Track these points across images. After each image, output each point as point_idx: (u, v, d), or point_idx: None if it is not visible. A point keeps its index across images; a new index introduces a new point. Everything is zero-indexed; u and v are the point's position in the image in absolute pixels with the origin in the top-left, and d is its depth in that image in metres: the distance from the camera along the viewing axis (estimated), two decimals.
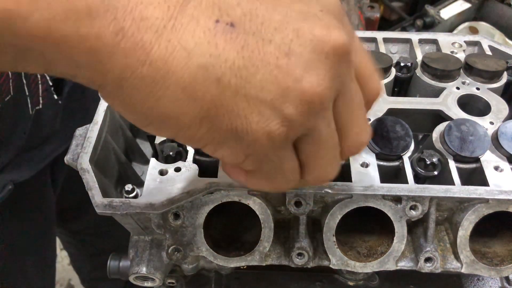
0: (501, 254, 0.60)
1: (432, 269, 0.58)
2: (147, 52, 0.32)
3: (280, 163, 0.38)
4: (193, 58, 0.32)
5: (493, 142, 0.60)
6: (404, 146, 0.59)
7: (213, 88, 0.33)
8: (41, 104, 0.85)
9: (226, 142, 0.36)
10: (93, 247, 1.44)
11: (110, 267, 0.69)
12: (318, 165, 0.40)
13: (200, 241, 0.58)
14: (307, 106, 0.34)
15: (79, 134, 0.61)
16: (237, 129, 0.34)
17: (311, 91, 0.34)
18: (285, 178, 0.40)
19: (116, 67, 0.32)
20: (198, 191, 0.55)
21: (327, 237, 0.58)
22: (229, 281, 0.76)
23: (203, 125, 0.34)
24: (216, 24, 0.33)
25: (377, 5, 1.46)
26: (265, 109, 0.34)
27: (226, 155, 0.37)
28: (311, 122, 0.36)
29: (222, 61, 0.32)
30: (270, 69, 0.33)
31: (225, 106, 0.33)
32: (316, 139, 0.38)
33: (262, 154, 0.37)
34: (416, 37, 0.77)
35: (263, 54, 0.33)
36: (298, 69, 0.33)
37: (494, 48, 0.75)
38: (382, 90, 0.43)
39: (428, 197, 0.55)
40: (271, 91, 0.33)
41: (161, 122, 0.35)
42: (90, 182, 0.55)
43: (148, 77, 0.32)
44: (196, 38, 0.32)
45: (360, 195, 0.55)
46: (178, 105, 0.33)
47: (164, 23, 0.32)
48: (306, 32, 0.34)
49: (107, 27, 0.31)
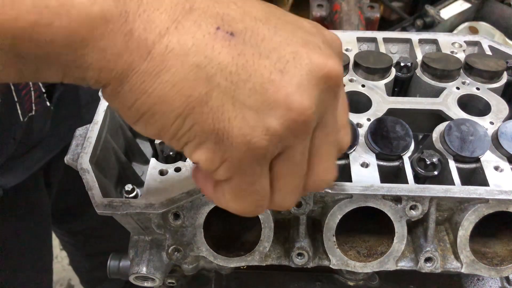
0: (501, 254, 0.60)
1: (432, 269, 0.58)
2: (149, 50, 0.33)
3: (252, 179, 0.38)
4: (188, 57, 0.33)
5: (493, 142, 0.60)
6: (404, 146, 0.59)
7: (202, 86, 0.34)
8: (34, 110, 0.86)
9: (206, 143, 0.36)
10: (92, 248, 1.44)
11: (110, 267, 0.69)
12: (282, 190, 0.40)
13: (200, 241, 0.58)
14: (291, 123, 0.35)
15: (79, 134, 0.61)
16: (219, 131, 0.35)
17: (298, 110, 0.34)
18: (254, 198, 0.39)
19: (120, 65, 0.34)
20: (198, 191, 0.55)
21: (327, 237, 0.58)
22: (229, 281, 0.76)
23: (186, 122, 0.35)
24: (217, 31, 0.34)
25: (377, 5, 1.46)
26: (250, 117, 0.34)
27: (203, 158, 0.37)
28: (290, 140, 0.36)
29: (215, 62, 0.34)
30: (262, 81, 0.34)
31: (211, 105, 0.34)
32: (289, 161, 0.38)
33: (238, 162, 0.36)
34: (416, 37, 0.77)
35: (258, 65, 0.34)
36: (289, 87, 0.34)
37: (494, 48, 0.75)
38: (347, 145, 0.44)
39: (428, 197, 0.55)
40: (259, 100, 0.34)
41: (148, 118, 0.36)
42: (90, 182, 0.55)
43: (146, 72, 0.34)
44: (195, 39, 0.34)
45: (360, 195, 0.55)
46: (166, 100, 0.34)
47: (168, 25, 0.33)
48: (303, 56, 0.35)
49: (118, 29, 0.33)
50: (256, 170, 0.37)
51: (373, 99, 0.67)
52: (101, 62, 0.33)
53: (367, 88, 0.68)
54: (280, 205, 0.41)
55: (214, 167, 0.37)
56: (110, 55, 0.33)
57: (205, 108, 0.34)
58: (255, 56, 0.34)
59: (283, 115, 0.34)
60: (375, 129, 0.60)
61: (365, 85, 0.69)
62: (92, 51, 0.33)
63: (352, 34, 0.78)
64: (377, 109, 0.65)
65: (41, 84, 0.85)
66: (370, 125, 0.61)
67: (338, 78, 0.37)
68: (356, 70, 0.71)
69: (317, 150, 0.40)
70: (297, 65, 0.35)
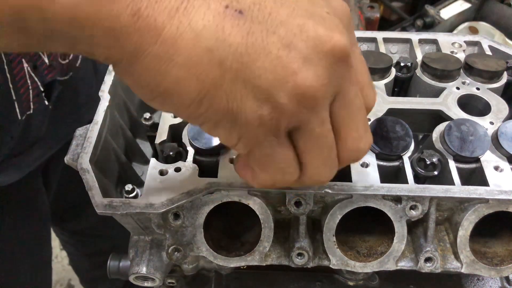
0: (501, 254, 0.60)
1: (432, 269, 0.58)
2: (159, 32, 0.34)
3: (271, 149, 0.39)
4: (200, 40, 0.34)
5: (493, 142, 0.60)
6: (404, 146, 0.59)
7: (216, 70, 0.34)
8: (32, 109, 0.86)
9: (222, 122, 0.37)
10: (92, 247, 1.44)
11: (110, 267, 0.69)
12: (312, 163, 0.41)
13: (200, 241, 0.58)
14: (300, 98, 0.36)
15: (79, 134, 0.61)
16: (233, 111, 0.36)
17: (305, 84, 0.35)
18: (279, 167, 0.41)
19: (131, 45, 0.34)
20: (198, 191, 0.55)
21: (327, 237, 0.58)
22: (229, 281, 0.76)
23: (202, 104, 0.36)
24: (226, 9, 0.34)
25: (377, 5, 1.46)
26: (260, 95, 0.35)
27: (221, 135, 0.39)
28: (303, 115, 0.37)
29: (226, 45, 0.34)
30: (271, 58, 0.35)
31: (224, 88, 0.35)
32: (309, 135, 0.39)
33: (254, 137, 0.38)
34: (416, 37, 0.77)
35: (266, 43, 0.35)
36: (296, 62, 0.35)
37: (494, 48, 0.75)
38: (376, 100, 0.44)
39: (428, 197, 0.55)
40: (268, 79, 0.35)
41: (164, 98, 0.37)
42: (90, 182, 0.55)
43: (158, 55, 0.34)
44: (205, 20, 0.34)
45: (360, 195, 0.55)
46: (182, 84, 0.35)
47: (177, 5, 0.34)
48: (310, 29, 0.36)
49: (125, 9, 0.33)
50: (272, 141, 0.39)
51: None
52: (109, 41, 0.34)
53: None
54: (315, 178, 0.42)
55: (233, 143, 0.39)
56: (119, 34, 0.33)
57: (220, 91, 0.35)
58: (263, 32, 0.35)
59: (291, 90, 0.35)
60: (375, 129, 0.60)
61: None
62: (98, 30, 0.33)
63: None
64: (377, 109, 0.65)
65: (39, 83, 0.85)
66: (370, 125, 0.61)
67: (346, 50, 0.37)
68: None
69: (342, 120, 0.40)
70: (303, 38, 0.35)
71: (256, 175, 0.43)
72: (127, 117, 0.70)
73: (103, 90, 0.65)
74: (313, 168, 0.41)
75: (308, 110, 0.37)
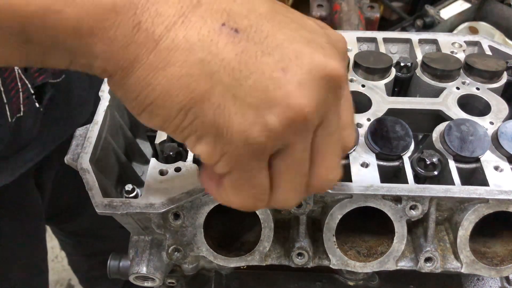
0: (501, 254, 0.60)
1: (432, 269, 0.58)
2: (155, 44, 0.34)
3: (251, 174, 0.39)
4: (193, 52, 0.34)
5: (493, 142, 0.60)
6: (404, 146, 0.59)
7: (205, 82, 0.34)
8: (22, 112, 0.85)
9: (207, 137, 0.37)
10: (90, 248, 1.44)
11: (110, 267, 0.69)
12: (283, 187, 0.40)
13: (200, 241, 0.58)
14: (289, 121, 0.35)
15: (79, 134, 0.61)
16: (219, 126, 0.36)
17: (297, 108, 0.35)
18: (252, 193, 0.40)
19: (127, 57, 0.34)
20: (198, 191, 0.55)
21: (327, 237, 0.58)
22: (229, 281, 0.76)
23: (188, 116, 0.36)
24: (222, 27, 0.35)
25: (377, 5, 1.46)
26: (249, 113, 0.35)
27: (204, 151, 0.38)
28: (289, 138, 0.37)
29: (219, 59, 0.34)
30: (264, 78, 0.35)
31: (212, 101, 0.35)
32: (288, 158, 0.38)
33: (237, 157, 0.37)
34: (416, 37, 0.77)
35: (260, 63, 0.35)
36: (290, 85, 0.35)
37: (494, 48, 0.75)
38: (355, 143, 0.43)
39: (428, 197, 0.55)
40: (260, 98, 0.35)
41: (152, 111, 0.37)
42: (90, 182, 0.55)
43: (151, 65, 0.34)
44: (200, 35, 0.34)
45: (360, 195, 0.55)
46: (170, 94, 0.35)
47: (175, 19, 0.34)
48: (306, 55, 0.36)
49: (127, 21, 0.33)
50: (254, 164, 0.38)
51: (373, 99, 0.67)
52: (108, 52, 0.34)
53: (367, 88, 0.68)
54: (281, 203, 0.42)
55: (214, 160, 0.38)
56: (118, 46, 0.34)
57: (207, 103, 0.35)
58: (258, 53, 0.35)
59: (282, 112, 0.35)
60: (375, 129, 0.60)
61: (365, 85, 0.69)
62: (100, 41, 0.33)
63: (352, 34, 0.78)
64: (377, 109, 0.65)
65: (29, 85, 0.85)
66: (370, 125, 0.61)
67: (340, 79, 0.37)
68: (356, 70, 0.71)
69: (319, 149, 0.40)
70: (298, 63, 0.35)
71: (225, 195, 0.42)
72: (127, 117, 0.70)
73: (103, 90, 0.65)
74: (283, 192, 0.41)
75: (296, 134, 0.37)
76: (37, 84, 0.86)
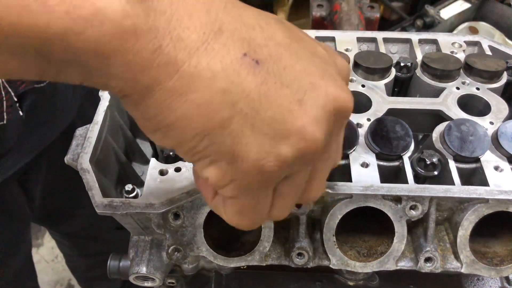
0: (501, 254, 0.60)
1: (432, 269, 0.58)
2: (177, 68, 0.34)
3: (257, 199, 0.40)
4: (216, 81, 0.34)
5: (493, 142, 0.60)
6: (404, 146, 0.59)
7: (226, 111, 0.35)
8: (6, 119, 0.85)
9: (219, 163, 0.37)
10: (87, 248, 1.44)
11: (110, 267, 0.69)
12: (280, 206, 0.43)
13: (200, 241, 0.58)
14: (302, 153, 0.37)
15: (79, 134, 0.61)
16: (234, 153, 0.36)
17: (311, 140, 0.36)
18: (254, 216, 0.42)
19: (146, 80, 0.34)
20: (198, 191, 0.55)
21: (327, 237, 0.58)
22: (229, 281, 0.76)
23: (204, 141, 0.36)
24: (244, 57, 0.35)
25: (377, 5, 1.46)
26: (266, 143, 0.36)
27: (213, 175, 0.39)
28: (298, 167, 0.39)
29: (240, 89, 0.35)
30: (281, 110, 0.36)
31: (231, 129, 0.35)
32: (293, 183, 0.40)
33: (247, 184, 0.38)
34: (416, 37, 0.77)
35: (278, 95, 0.36)
36: (306, 118, 0.36)
37: (494, 48, 0.75)
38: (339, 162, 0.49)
39: (428, 197, 0.55)
40: (276, 128, 0.36)
41: (167, 132, 0.37)
42: (90, 182, 0.55)
43: (172, 90, 0.34)
44: (223, 63, 0.34)
45: (360, 195, 0.55)
46: (189, 119, 0.35)
47: (198, 45, 0.34)
48: (321, 87, 0.37)
49: (147, 45, 0.33)
50: (262, 192, 0.40)
51: (373, 99, 0.67)
52: (127, 74, 0.34)
53: (367, 88, 0.68)
54: (275, 218, 0.44)
55: (222, 184, 0.39)
56: (137, 69, 0.33)
57: (225, 131, 0.35)
58: (277, 84, 0.36)
59: (296, 144, 0.36)
60: (375, 129, 0.60)
61: (365, 85, 0.69)
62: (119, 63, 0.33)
63: (352, 34, 0.78)
64: (377, 109, 0.65)
65: (12, 94, 0.85)
66: (370, 125, 0.61)
67: (349, 111, 0.39)
68: (356, 70, 0.71)
69: (317, 172, 0.42)
70: (314, 96, 0.37)
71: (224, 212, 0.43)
72: (127, 117, 0.70)
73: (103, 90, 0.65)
74: (280, 210, 0.43)
75: (304, 164, 0.39)
76: (20, 92, 0.86)
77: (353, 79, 0.70)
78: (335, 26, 1.39)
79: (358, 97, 0.68)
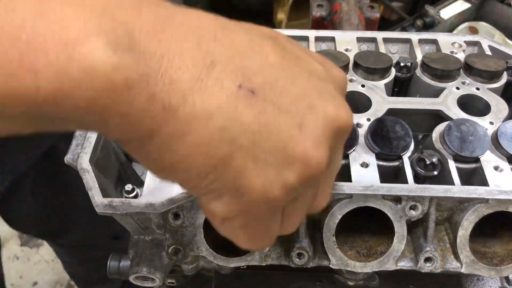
0: (501, 254, 0.60)
1: (432, 269, 0.58)
2: (172, 113, 0.33)
3: (267, 225, 0.40)
4: (213, 119, 0.34)
5: (493, 142, 0.60)
6: (404, 146, 0.59)
7: (226, 147, 0.34)
8: None
9: (224, 197, 0.37)
10: (84, 255, 1.45)
11: (110, 267, 0.69)
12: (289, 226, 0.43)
13: (200, 241, 0.58)
14: (307, 177, 0.37)
15: (79, 134, 0.61)
16: (239, 187, 0.36)
17: (314, 164, 0.36)
18: (264, 240, 0.42)
19: (143, 128, 0.33)
20: None
21: (327, 237, 0.58)
22: (229, 281, 0.76)
23: (208, 177, 0.36)
24: (239, 89, 0.34)
25: (377, 5, 1.46)
26: (270, 173, 0.36)
27: (219, 210, 0.38)
28: (304, 190, 0.39)
29: (239, 124, 0.34)
30: (282, 136, 0.35)
31: (233, 165, 0.35)
32: (299, 204, 0.41)
33: (255, 213, 0.38)
34: (416, 37, 0.77)
35: (278, 122, 0.35)
36: (307, 142, 0.36)
37: (494, 48, 0.75)
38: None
39: (428, 197, 0.55)
40: (279, 157, 0.36)
41: (170, 171, 0.37)
42: (90, 182, 0.55)
43: (170, 135, 0.34)
44: (219, 100, 0.34)
45: (360, 195, 0.55)
46: (190, 159, 0.35)
47: (191, 86, 0.33)
48: (319, 108, 0.37)
49: (140, 94, 0.32)
50: (270, 217, 0.39)
51: (373, 99, 0.67)
52: (123, 126, 0.33)
53: (367, 88, 0.68)
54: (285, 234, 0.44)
55: (230, 217, 0.39)
56: (132, 120, 0.33)
57: (228, 167, 0.35)
58: (275, 111, 0.35)
59: (300, 169, 0.36)
60: (375, 129, 0.60)
61: (365, 85, 0.69)
62: (113, 116, 0.32)
63: (352, 34, 0.78)
64: (377, 109, 0.65)
65: None
66: (370, 125, 0.61)
67: (349, 128, 0.39)
68: (356, 70, 0.71)
69: (322, 187, 0.43)
70: (313, 118, 0.36)
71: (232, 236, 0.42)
72: None
73: None
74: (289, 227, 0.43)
75: (310, 186, 0.39)
76: None
77: (353, 79, 0.70)
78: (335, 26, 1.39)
79: (358, 97, 0.68)
